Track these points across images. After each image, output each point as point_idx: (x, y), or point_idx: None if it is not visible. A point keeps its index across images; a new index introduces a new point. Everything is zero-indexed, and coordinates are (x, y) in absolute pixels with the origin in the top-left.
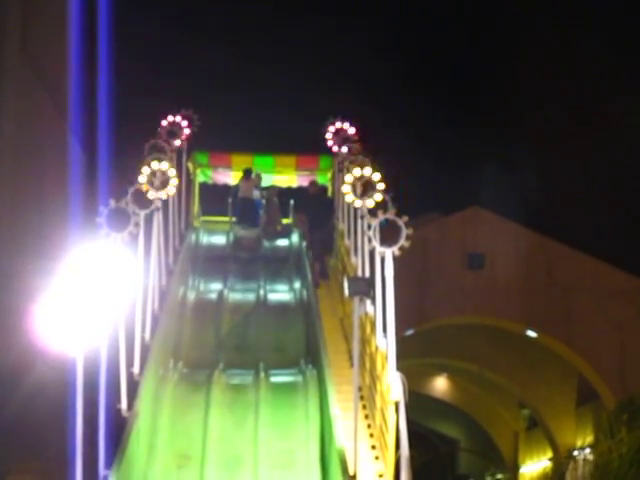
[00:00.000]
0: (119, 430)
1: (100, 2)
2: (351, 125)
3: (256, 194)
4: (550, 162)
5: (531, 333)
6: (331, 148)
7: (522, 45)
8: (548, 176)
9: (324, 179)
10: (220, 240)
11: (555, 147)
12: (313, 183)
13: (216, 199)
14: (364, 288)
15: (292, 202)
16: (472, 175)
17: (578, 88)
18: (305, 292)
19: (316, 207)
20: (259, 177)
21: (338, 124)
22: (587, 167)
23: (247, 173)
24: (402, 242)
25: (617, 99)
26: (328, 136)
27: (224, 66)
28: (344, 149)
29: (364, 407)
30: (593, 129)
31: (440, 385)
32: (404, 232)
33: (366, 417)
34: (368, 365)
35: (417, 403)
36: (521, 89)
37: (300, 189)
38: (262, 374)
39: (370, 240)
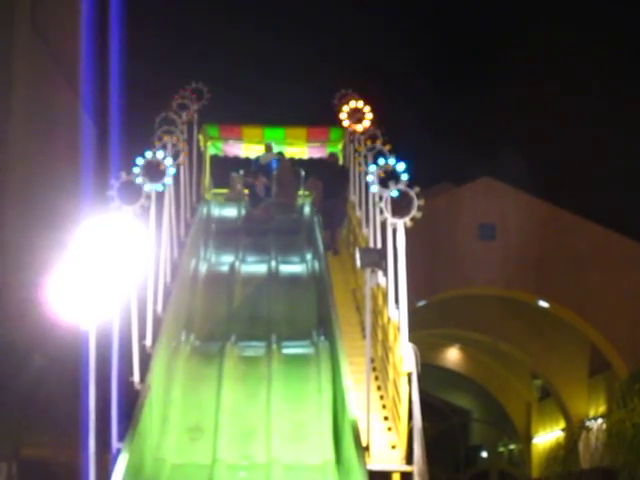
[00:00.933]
0: (132, 403)
1: None
2: (363, 102)
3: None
4: (562, 132)
5: (543, 303)
6: (343, 124)
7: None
8: (559, 146)
9: (334, 149)
10: (231, 212)
11: (567, 117)
12: (332, 155)
13: (227, 171)
14: (376, 259)
15: (303, 173)
16: (483, 146)
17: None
18: (317, 264)
19: (331, 175)
20: (270, 148)
21: (352, 103)
22: (599, 136)
23: (268, 148)
24: (414, 213)
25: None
26: (342, 116)
27: (235, 38)
28: (359, 127)
29: (376, 378)
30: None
31: (452, 356)
32: (416, 203)
33: (378, 388)
34: (380, 336)
35: (429, 374)
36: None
37: (311, 161)
38: (274, 346)
39: (382, 211)
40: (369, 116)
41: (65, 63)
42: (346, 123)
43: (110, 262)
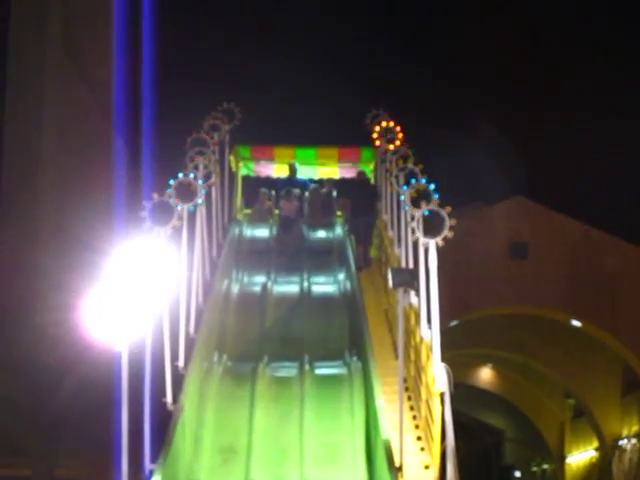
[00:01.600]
0: (165, 424)
1: None
2: (395, 123)
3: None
4: (595, 151)
5: (576, 322)
6: (375, 143)
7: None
8: (592, 165)
9: (366, 169)
10: (263, 233)
11: (600, 137)
12: (360, 172)
13: (259, 192)
14: (408, 279)
15: (335, 193)
16: (516, 165)
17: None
18: (349, 284)
19: (359, 193)
20: (294, 168)
21: (384, 123)
22: (632, 156)
23: (292, 169)
24: (445, 232)
25: None
26: (369, 128)
27: (266, 59)
28: (390, 146)
29: (409, 398)
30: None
31: (485, 375)
32: (447, 222)
33: (411, 408)
34: (413, 356)
35: (462, 394)
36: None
37: (343, 180)
38: (307, 366)
39: (414, 231)
40: (400, 136)
41: (97, 86)
42: (377, 142)
43: (143, 283)
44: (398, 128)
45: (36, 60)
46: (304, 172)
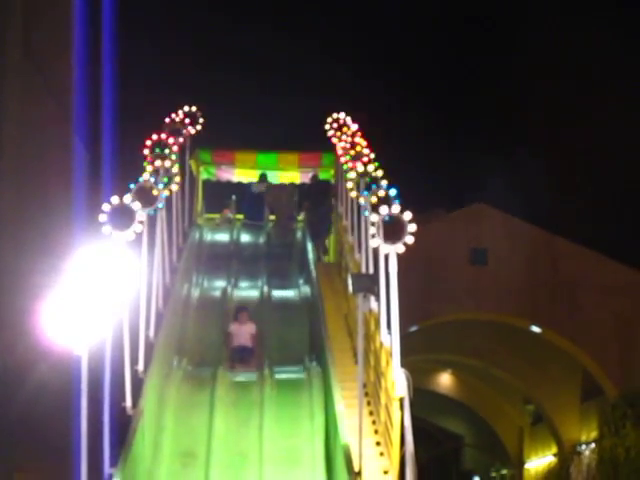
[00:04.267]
0: (124, 428)
1: (104, 3)
2: (353, 121)
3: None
4: (554, 159)
5: (535, 328)
6: (333, 144)
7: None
8: (552, 172)
9: (327, 175)
10: (224, 237)
11: (558, 144)
12: (313, 176)
13: (219, 196)
14: (368, 285)
15: (296, 197)
16: (476, 172)
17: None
18: (309, 288)
19: (313, 193)
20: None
21: (341, 120)
22: (590, 162)
23: (263, 178)
24: (406, 239)
25: (619, 95)
26: (330, 132)
27: (226, 62)
28: (346, 145)
29: (369, 404)
30: (596, 126)
31: (444, 381)
32: (407, 228)
33: (371, 414)
34: (372, 361)
35: (422, 399)
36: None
37: (302, 185)
38: (266, 371)
39: (374, 237)
40: (361, 140)
41: (57, 87)
42: (333, 139)
43: (102, 287)
44: (359, 132)
45: None
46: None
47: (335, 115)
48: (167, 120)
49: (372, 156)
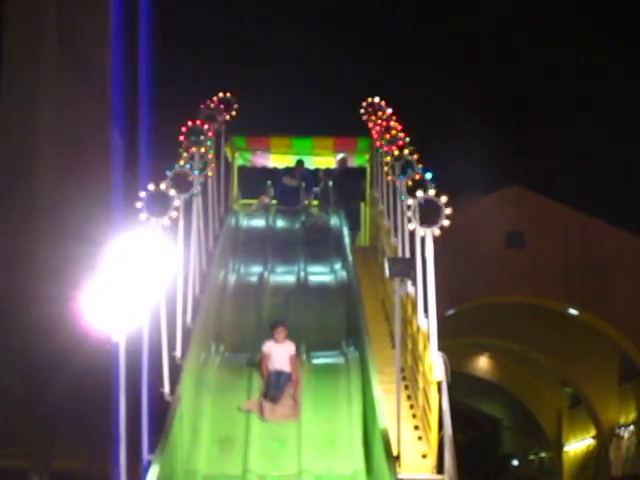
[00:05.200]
0: (162, 414)
1: None
2: (387, 105)
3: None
4: (591, 140)
5: (572, 311)
6: (368, 128)
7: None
8: (586, 153)
9: (362, 160)
10: (260, 223)
11: (597, 125)
12: (341, 159)
13: (255, 182)
14: (405, 269)
15: (330, 183)
16: (511, 154)
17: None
18: (345, 274)
19: (343, 179)
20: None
21: (376, 105)
22: (628, 143)
23: (300, 165)
24: (442, 222)
25: None
26: (365, 117)
27: (260, 48)
28: (381, 129)
29: (406, 388)
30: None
31: (482, 364)
32: (444, 211)
33: (408, 398)
34: (410, 346)
35: (459, 383)
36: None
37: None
38: (304, 356)
39: (410, 220)
40: (396, 124)
41: (93, 75)
42: (373, 132)
43: (140, 274)
44: (395, 117)
45: (31, 50)
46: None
47: (370, 99)
48: (202, 107)
49: (407, 140)
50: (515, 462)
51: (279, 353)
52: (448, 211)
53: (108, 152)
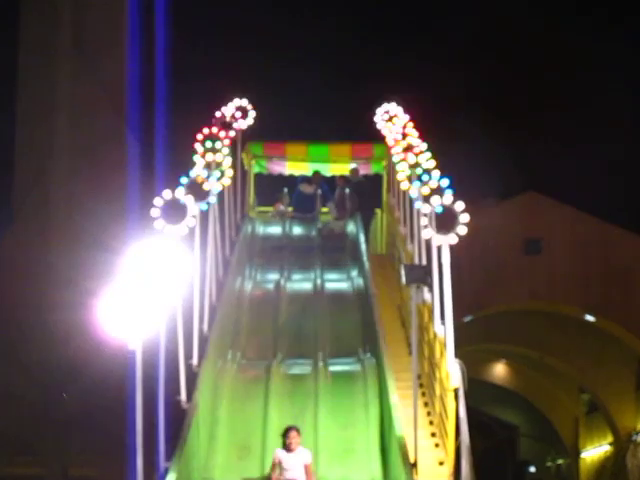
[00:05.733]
0: (179, 422)
1: None
2: (405, 111)
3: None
4: (607, 146)
5: (589, 317)
6: (384, 135)
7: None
8: (607, 160)
9: (379, 167)
10: (276, 230)
11: (609, 131)
12: (353, 170)
13: (271, 190)
14: (421, 276)
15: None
16: (528, 160)
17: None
18: (362, 281)
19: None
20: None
21: (392, 111)
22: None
23: (317, 178)
24: (458, 229)
25: None
26: (381, 124)
27: (277, 55)
28: (397, 136)
29: (423, 395)
30: None
31: (499, 371)
32: (460, 219)
33: (425, 405)
34: (427, 353)
35: (476, 390)
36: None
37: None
38: (321, 363)
39: (426, 228)
40: (413, 130)
41: (108, 80)
42: (388, 139)
43: (156, 281)
44: (411, 123)
45: (47, 56)
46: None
47: (386, 106)
48: (218, 114)
49: (424, 147)
50: (532, 469)
51: (293, 463)
52: (465, 218)
53: (124, 160)
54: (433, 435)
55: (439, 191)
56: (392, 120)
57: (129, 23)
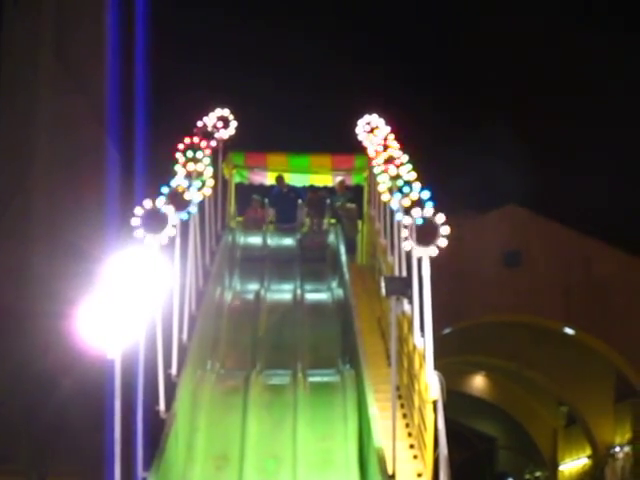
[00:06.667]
0: (157, 432)
1: (137, 4)
2: (386, 123)
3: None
4: (584, 159)
5: (569, 330)
6: (365, 147)
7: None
8: (584, 173)
9: (360, 179)
10: (256, 240)
11: (589, 145)
12: (340, 182)
13: (252, 200)
14: (401, 287)
15: (328, 201)
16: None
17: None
18: (342, 292)
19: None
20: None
21: (373, 123)
22: (621, 163)
23: (280, 181)
24: (439, 241)
25: None
26: (361, 135)
27: (258, 65)
28: (378, 148)
29: (402, 406)
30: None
31: (478, 383)
32: (440, 231)
33: (404, 416)
34: (406, 364)
35: (455, 402)
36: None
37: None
38: (300, 374)
39: (406, 239)
40: (393, 142)
41: (89, 90)
42: (369, 151)
43: (135, 291)
44: (392, 135)
45: (27, 67)
46: (297, 180)
47: (367, 117)
48: (199, 124)
49: (405, 159)
50: None
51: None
52: (445, 230)
53: (105, 170)
54: (412, 447)
55: (420, 203)
56: (373, 132)
57: (110, 35)
